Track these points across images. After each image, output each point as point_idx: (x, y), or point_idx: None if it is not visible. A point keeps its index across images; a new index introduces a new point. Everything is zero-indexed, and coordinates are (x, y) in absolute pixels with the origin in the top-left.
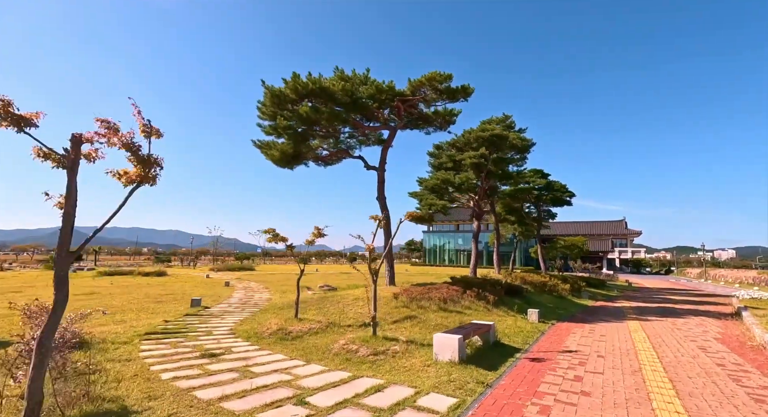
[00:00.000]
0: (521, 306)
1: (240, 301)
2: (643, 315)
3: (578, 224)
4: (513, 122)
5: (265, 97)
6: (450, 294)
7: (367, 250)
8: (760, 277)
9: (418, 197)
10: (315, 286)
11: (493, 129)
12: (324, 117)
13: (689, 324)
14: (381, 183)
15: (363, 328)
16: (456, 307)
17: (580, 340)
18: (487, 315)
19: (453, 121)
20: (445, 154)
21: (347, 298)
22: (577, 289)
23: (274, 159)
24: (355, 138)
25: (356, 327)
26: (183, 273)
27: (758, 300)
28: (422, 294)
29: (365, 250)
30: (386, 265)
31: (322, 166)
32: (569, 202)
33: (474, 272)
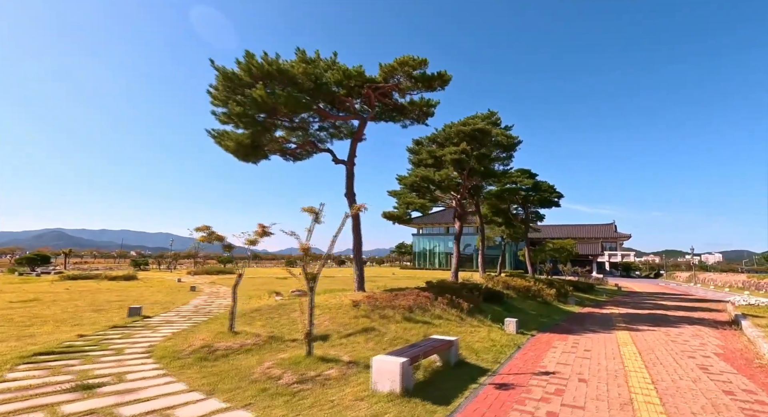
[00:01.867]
0: (500, 314)
1: (193, 309)
2: (634, 323)
3: (568, 227)
4: (499, 119)
5: (217, 81)
6: (419, 301)
7: (301, 250)
8: (749, 281)
9: (397, 196)
10: (288, 290)
11: (475, 123)
12: (281, 102)
13: (684, 334)
14: (350, 178)
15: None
16: (424, 317)
17: (561, 357)
18: (459, 325)
19: (431, 112)
20: (425, 149)
21: (305, 306)
22: (564, 294)
23: (230, 150)
24: (326, 130)
25: (302, 342)
26: (156, 277)
27: (756, 307)
28: (388, 301)
29: (300, 250)
30: (355, 269)
31: (291, 160)
32: (557, 203)
33: (455, 276)
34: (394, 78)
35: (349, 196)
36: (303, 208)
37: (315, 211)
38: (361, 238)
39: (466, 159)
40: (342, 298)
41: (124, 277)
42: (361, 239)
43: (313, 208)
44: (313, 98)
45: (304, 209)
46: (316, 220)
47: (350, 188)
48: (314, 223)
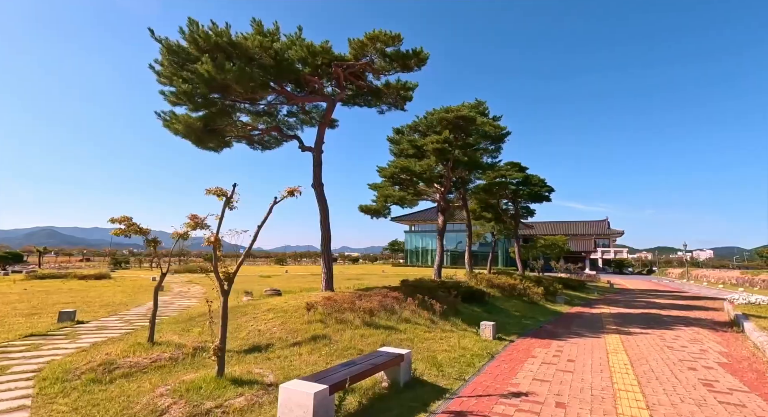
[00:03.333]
0: (478, 316)
1: (144, 312)
2: (625, 325)
3: (561, 224)
4: (487, 109)
5: (162, 55)
6: (386, 303)
7: (208, 243)
8: (743, 277)
9: (378, 189)
10: (262, 290)
11: (458, 110)
12: (232, 78)
13: (681, 338)
14: (317, 166)
15: (241, 356)
16: (390, 321)
17: (540, 371)
18: (428, 330)
19: (409, 96)
20: (406, 139)
21: (261, 308)
22: (552, 293)
23: (179, 134)
24: (295, 116)
25: (237, 353)
26: (131, 276)
27: (757, 306)
28: (350, 303)
29: (205, 243)
30: (323, 267)
31: (258, 149)
32: (548, 197)
33: (438, 274)
34: (366, 56)
35: (317, 186)
36: (208, 189)
37: (224, 194)
38: (329, 232)
39: (449, 148)
40: (303, 300)
41: (95, 276)
42: (330, 234)
43: (221, 190)
44: (275, 77)
45: (210, 191)
46: (228, 205)
47: (318, 178)
48: (225, 209)
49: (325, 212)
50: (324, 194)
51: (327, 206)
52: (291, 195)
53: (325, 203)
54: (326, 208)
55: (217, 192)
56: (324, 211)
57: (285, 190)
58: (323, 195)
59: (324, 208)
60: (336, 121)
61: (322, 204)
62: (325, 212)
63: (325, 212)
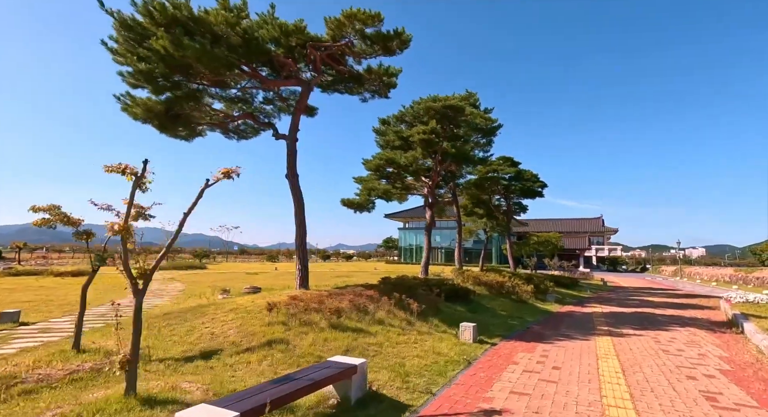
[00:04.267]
0: (461, 316)
1: (108, 311)
2: (618, 326)
3: (555, 221)
4: (477, 100)
5: (116, 30)
6: (359, 302)
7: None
8: (736, 275)
9: (363, 182)
10: (242, 287)
11: (446, 99)
12: (192, 56)
13: (677, 340)
14: (291, 155)
15: (179, 365)
16: (360, 322)
17: (519, 381)
18: (402, 333)
19: (393, 83)
20: (392, 130)
21: (225, 308)
22: (543, 291)
23: (138, 118)
24: (272, 103)
25: (176, 361)
26: (111, 272)
27: (755, 304)
28: (318, 303)
29: (108, 232)
30: (298, 263)
31: (233, 138)
32: (541, 193)
33: (425, 271)
34: (345, 37)
35: (292, 176)
36: (107, 167)
37: (132, 173)
38: (304, 226)
39: (436, 140)
40: (271, 299)
41: (73, 273)
42: (305, 228)
43: (125, 167)
44: (244, 58)
45: (110, 169)
46: (139, 186)
47: (292, 167)
48: (136, 191)
49: (299, 204)
50: (299, 185)
51: (302, 198)
52: (227, 177)
53: (299, 195)
54: (301, 200)
55: (120, 169)
56: (298, 204)
57: (219, 172)
58: (298, 186)
59: (298, 200)
60: (315, 108)
61: (297, 196)
62: (299, 204)
63: (299, 204)
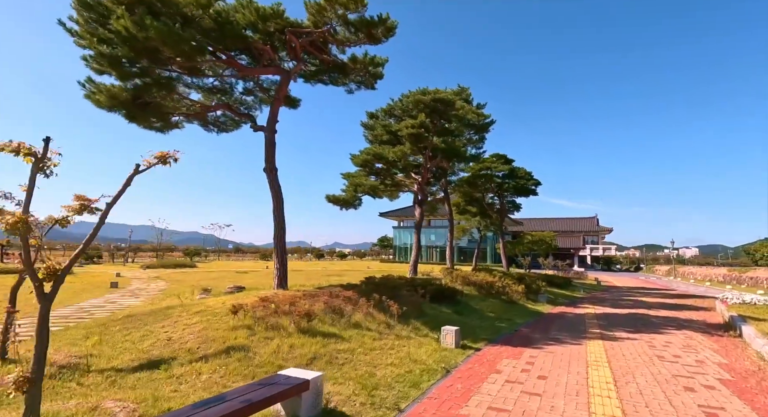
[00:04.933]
0: (447, 318)
1: (72, 313)
2: (611, 328)
3: (550, 221)
4: (470, 95)
5: (76, 11)
6: (335, 304)
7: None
8: (730, 275)
9: (351, 178)
10: (226, 286)
11: (436, 92)
12: (157, 38)
13: (673, 344)
14: (270, 147)
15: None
16: (333, 327)
17: (500, 394)
18: (379, 338)
19: (379, 73)
20: (380, 124)
21: (192, 310)
22: (535, 291)
23: (103, 106)
24: (252, 94)
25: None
26: (97, 271)
27: (752, 306)
28: (290, 305)
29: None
30: (276, 262)
31: (213, 131)
32: (534, 191)
33: (414, 270)
34: (327, 24)
35: (270, 170)
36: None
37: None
38: (283, 222)
39: (426, 134)
40: (238, 300)
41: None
42: (284, 224)
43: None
44: (218, 43)
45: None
46: (40, 169)
47: (270, 161)
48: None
49: (278, 200)
50: (277, 179)
51: (281, 193)
52: (163, 162)
53: (278, 189)
54: (280, 195)
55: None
56: (277, 199)
57: (153, 156)
58: (276, 180)
59: (277, 195)
60: (298, 100)
61: (275, 191)
62: (278, 200)
63: (278, 200)
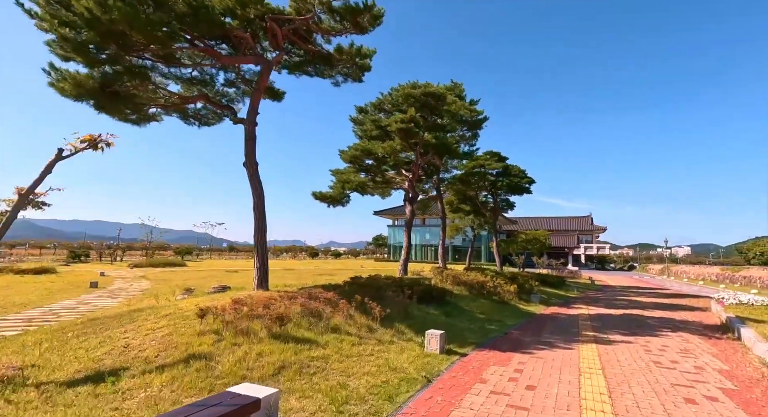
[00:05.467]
0: (434, 320)
1: (41, 315)
2: (605, 331)
3: (544, 219)
4: (463, 91)
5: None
6: (314, 306)
7: None
8: (723, 274)
9: (340, 174)
10: (211, 286)
11: (426, 86)
12: (123, 20)
13: (670, 348)
14: (250, 141)
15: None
16: (310, 331)
17: (482, 409)
18: (359, 343)
19: (366, 65)
20: (369, 118)
21: (162, 312)
22: (528, 291)
23: (67, 94)
24: (235, 86)
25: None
26: (81, 270)
27: (750, 306)
28: (264, 308)
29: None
30: (256, 260)
31: (194, 124)
32: (528, 189)
33: (404, 269)
34: (310, 11)
35: (250, 165)
36: None
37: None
38: (264, 220)
39: (416, 129)
40: (216, 302)
41: (35, 270)
42: (265, 222)
43: None
44: (193, 29)
45: None
46: None
47: (251, 155)
48: None
49: (259, 196)
50: (258, 175)
51: (262, 189)
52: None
53: (259, 185)
54: (260, 192)
55: None
56: (258, 195)
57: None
58: (257, 175)
59: (258, 191)
60: (282, 92)
61: (256, 186)
62: (259, 196)
63: (259, 196)
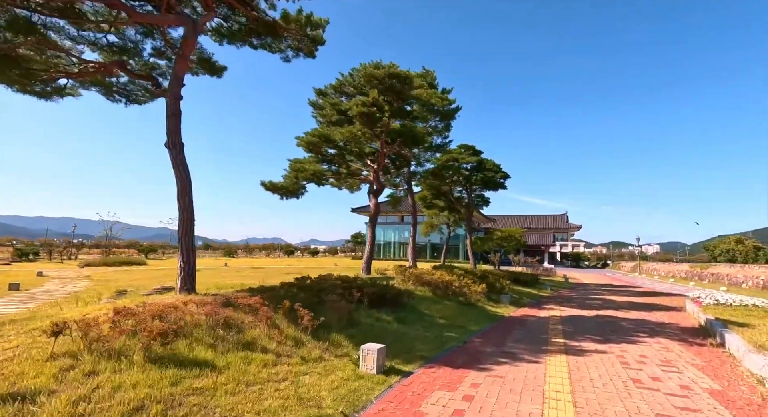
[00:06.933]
0: (382, 329)
1: None
2: (577, 337)
3: (521, 217)
4: (435, 79)
5: None
6: (225, 315)
7: None
8: (692, 271)
9: (299, 164)
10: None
11: (391, 66)
12: None
13: (649, 359)
14: (172, 117)
15: None
16: (210, 349)
17: None
18: (276, 362)
19: (319, 37)
20: (328, 101)
21: (31, 325)
22: (498, 290)
23: None
24: (165, 56)
25: None
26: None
27: (729, 307)
28: (161, 318)
29: None
30: (180, 259)
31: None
32: (503, 184)
33: (367, 268)
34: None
35: (174, 145)
36: None
37: None
38: (191, 211)
39: (378, 115)
40: (100, 312)
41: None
42: (191, 214)
43: None
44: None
45: None
46: None
47: (174, 134)
48: None
49: (184, 183)
50: (183, 157)
51: (188, 174)
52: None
53: (184, 170)
54: (186, 177)
55: None
56: (183, 182)
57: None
58: (182, 158)
59: (183, 177)
60: (222, 67)
61: (181, 171)
62: (184, 183)
63: (184, 183)
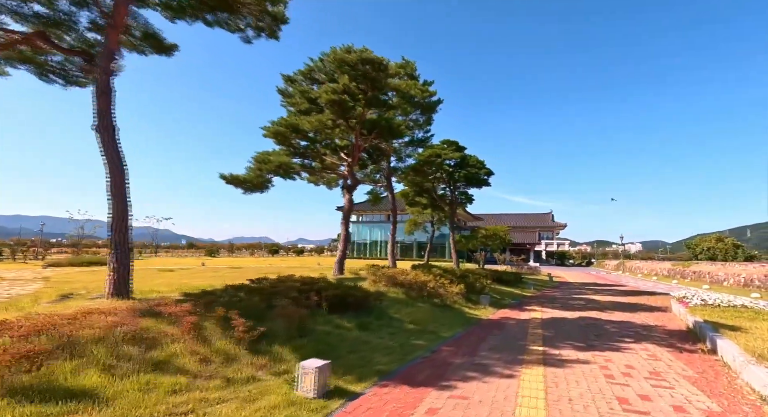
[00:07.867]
0: (338, 338)
1: None
2: (557, 343)
3: (507, 216)
4: (415, 70)
5: None
6: (144, 327)
7: None
8: (675, 269)
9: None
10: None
11: (363, 50)
12: None
13: (636, 371)
14: (103, 96)
15: None
16: (104, 373)
17: None
18: (191, 386)
19: (281, 15)
20: (298, 89)
21: None
22: (478, 291)
23: None
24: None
25: None
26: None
27: (717, 309)
28: (43, 334)
29: None
30: (113, 260)
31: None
32: (487, 181)
33: (339, 268)
34: None
35: (104, 128)
36: None
37: None
38: (125, 204)
39: (351, 103)
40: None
41: None
42: (126, 206)
43: None
44: None
45: None
46: None
47: (103, 115)
48: None
49: (115, 172)
50: (115, 143)
51: (121, 162)
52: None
53: (117, 157)
54: (119, 166)
55: None
56: (115, 170)
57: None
58: (115, 143)
59: (115, 164)
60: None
61: (113, 157)
62: (115, 172)
63: (115, 172)
